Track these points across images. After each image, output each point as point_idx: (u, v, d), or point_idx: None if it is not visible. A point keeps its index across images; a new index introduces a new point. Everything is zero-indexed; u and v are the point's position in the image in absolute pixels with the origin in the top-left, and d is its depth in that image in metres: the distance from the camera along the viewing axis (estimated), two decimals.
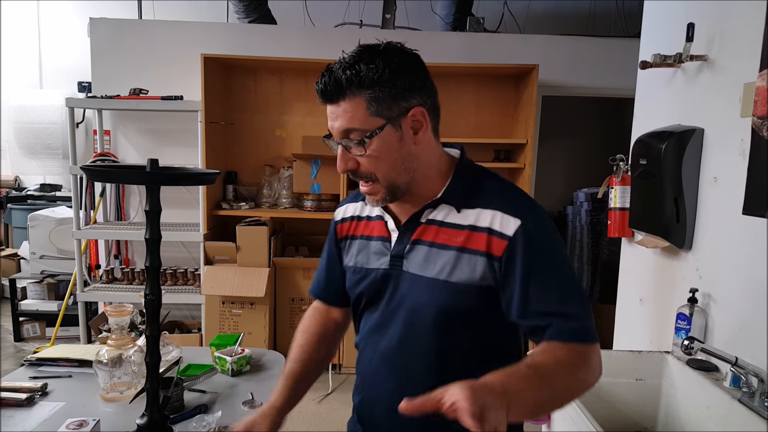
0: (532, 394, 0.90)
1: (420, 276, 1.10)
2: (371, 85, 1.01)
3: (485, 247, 1.05)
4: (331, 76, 1.03)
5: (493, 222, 1.05)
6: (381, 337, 1.17)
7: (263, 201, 4.27)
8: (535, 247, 1.03)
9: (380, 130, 1.03)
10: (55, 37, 6.13)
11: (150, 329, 1.07)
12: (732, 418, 1.49)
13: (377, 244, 1.19)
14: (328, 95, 1.04)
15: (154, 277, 1.05)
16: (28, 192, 6.18)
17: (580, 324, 1.02)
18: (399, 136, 1.05)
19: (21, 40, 6.17)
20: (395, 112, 1.04)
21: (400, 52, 1.07)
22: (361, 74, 1.00)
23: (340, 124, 1.04)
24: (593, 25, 5.18)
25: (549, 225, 1.08)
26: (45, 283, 4.86)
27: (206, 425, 1.48)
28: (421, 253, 1.11)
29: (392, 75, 1.02)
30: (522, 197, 1.11)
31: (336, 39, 4.30)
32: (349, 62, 1.03)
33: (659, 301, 2.15)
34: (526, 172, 4.00)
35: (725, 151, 1.75)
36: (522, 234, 1.03)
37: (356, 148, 1.05)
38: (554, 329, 1.01)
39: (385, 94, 1.02)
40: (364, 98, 1.02)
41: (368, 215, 1.24)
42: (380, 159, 1.05)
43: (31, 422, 1.51)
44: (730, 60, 1.76)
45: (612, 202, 2.35)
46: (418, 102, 1.06)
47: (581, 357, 1.00)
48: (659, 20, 2.26)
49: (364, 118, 1.02)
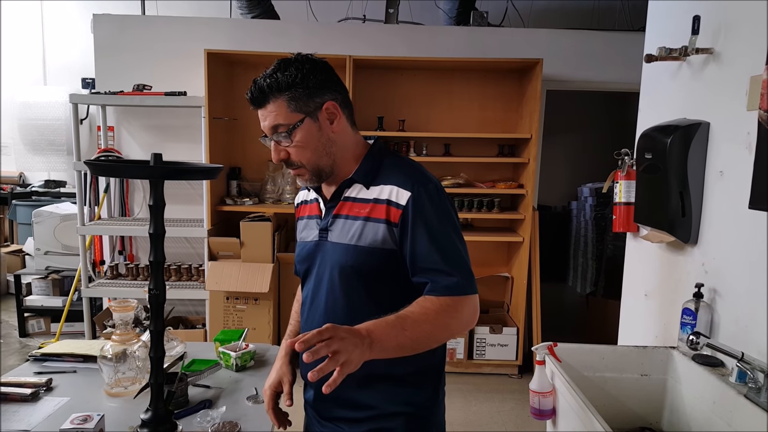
0: (393, 338, 1.13)
1: (337, 243, 1.32)
2: (288, 87, 1.23)
3: (385, 216, 1.27)
4: (255, 85, 1.26)
5: (391, 195, 1.27)
6: (315, 301, 1.38)
7: (267, 196, 4.27)
8: (422, 214, 1.24)
9: (301, 123, 1.25)
10: (59, 34, 6.13)
11: (154, 324, 1.07)
12: (738, 413, 1.49)
13: (313, 221, 1.42)
14: (256, 101, 1.27)
15: (158, 272, 1.05)
16: (32, 188, 6.19)
17: (453, 280, 1.22)
18: (318, 127, 1.28)
19: (25, 36, 6.18)
20: (311, 107, 1.26)
21: (309, 60, 1.29)
22: (279, 80, 1.23)
23: (269, 122, 1.26)
24: (597, 18, 5.16)
25: (437, 197, 1.28)
26: (50, 279, 4.88)
27: (210, 420, 1.48)
28: (339, 225, 1.32)
29: (304, 78, 1.24)
30: (417, 173, 1.31)
31: (339, 34, 4.29)
32: (269, 73, 1.25)
33: (664, 296, 2.14)
34: (530, 167, 3.98)
35: (731, 145, 1.74)
36: (412, 204, 1.24)
37: (284, 140, 1.27)
38: (431, 285, 1.22)
39: (300, 93, 1.24)
40: (285, 99, 1.24)
41: (310, 199, 1.47)
42: (304, 147, 1.28)
43: (36, 417, 1.52)
44: (736, 53, 1.75)
45: (617, 196, 2.34)
46: (330, 97, 1.28)
47: (450, 308, 1.20)
48: (664, 13, 2.24)
49: (287, 115, 1.25)
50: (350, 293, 1.31)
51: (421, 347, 1.21)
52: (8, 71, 6.19)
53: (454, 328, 1.23)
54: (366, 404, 1.34)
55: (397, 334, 1.14)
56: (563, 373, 1.70)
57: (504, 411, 3.61)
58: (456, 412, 3.49)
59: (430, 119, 4.38)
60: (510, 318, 4.31)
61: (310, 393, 1.45)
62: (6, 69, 6.19)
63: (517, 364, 4.13)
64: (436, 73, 4.33)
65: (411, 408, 1.36)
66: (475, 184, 4.23)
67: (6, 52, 6.18)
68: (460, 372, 4.08)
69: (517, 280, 4.25)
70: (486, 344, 4.07)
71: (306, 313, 1.42)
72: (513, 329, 4.08)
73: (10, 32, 6.15)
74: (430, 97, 4.37)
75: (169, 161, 1.09)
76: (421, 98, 4.36)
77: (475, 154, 4.29)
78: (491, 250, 4.51)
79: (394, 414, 1.34)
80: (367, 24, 4.75)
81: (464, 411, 3.58)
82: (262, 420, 1.55)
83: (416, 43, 4.31)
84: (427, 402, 1.39)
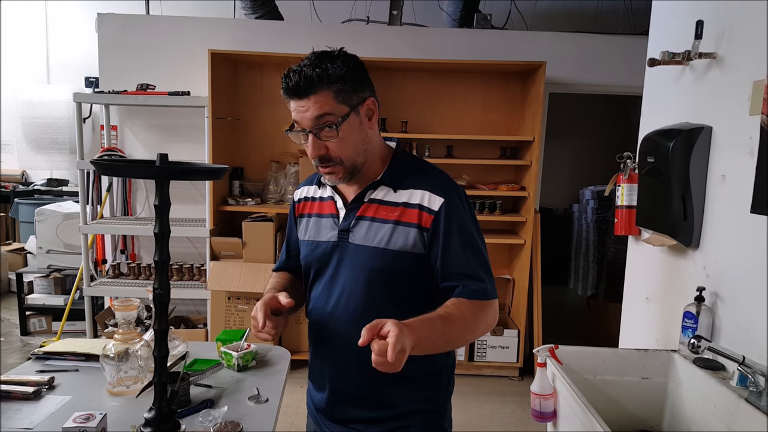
0: (432, 338, 1.17)
1: (363, 246, 1.31)
2: (337, 80, 1.21)
3: (417, 220, 1.28)
4: (301, 74, 1.20)
5: (423, 200, 1.29)
6: (328, 299, 1.37)
7: (269, 197, 4.27)
8: (454, 220, 1.27)
9: (347, 116, 1.23)
10: (63, 33, 6.15)
11: (158, 323, 1.08)
12: (739, 417, 1.49)
13: (328, 220, 1.39)
14: (300, 91, 1.21)
15: (162, 271, 1.06)
16: (35, 187, 6.20)
17: (483, 285, 1.28)
18: (359, 121, 1.27)
19: (29, 35, 6.19)
20: (355, 101, 1.25)
21: (351, 55, 1.27)
22: (329, 72, 1.20)
23: (313, 113, 1.21)
24: (601, 22, 5.16)
25: (466, 204, 1.33)
26: (51, 277, 4.89)
27: (212, 420, 1.48)
28: (364, 227, 1.32)
29: (351, 72, 1.23)
30: (446, 180, 1.34)
31: (343, 35, 4.30)
32: (314, 63, 1.21)
33: (666, 300, 2.14)
34: (532, 169, 3.99)
35: (733, 149, 1.74)
36: (445, 210, 1.27)
37: (328, 131, 1.23)
38: (461, 288, 1.26)
39: (348, 86, 1.23)
40: (332, 90, 1.21)
41: (321, 196, 1.44)
42: (347, 141, 1.25)
43: (38, 416, 1.52)
44: (739, 58, 1.75)
45: (619, 200, 2.34)
46: (369, 94, 1.29)
47: (480, 311, 1.26)
48: (668, 17, 2.24)
49: (334, 106, 1.22)
50: (374, 295, 1.32)
51: (450, 347, 1.28)
52: (12, 69, 6.20)
53: (480, 330, 1.28)
54: (387, 403, 1.36)
55: (436, 334, 1.17)
56: (564, 375, 1.70)
57: (504, 413, 3.61)
58: (457, 414, 3.47)
59: (432, 121, 4.39)
60: (511, 320, 4.31)
61: (323, 395, 1.44)
62: (10, 67, 6.21)
63: (518, 366, 4.12)
64: (439, 74, 4.33)
65: (429, 405, 1.41)
66: (478, 186, 4.23)
67: (10, 51, 6.19)
68: (461, 374, 4.08)
69: (518, 282, 4.25)
70: (487, 346, 4.07)
71: (320, 313, 1.41)
72: (514, 331, 4.08)
73: (15, 31, 6.17)
74: (433, 99, 4.37)
75: (175, 161, 1.09)
76: (424, 100, 4.37)
77: (478, 156, 4.29)
78: (493, 252, 4.48)
79: (413, 412, 1.38)
80: (371, 25, 4.75)
81: (465, 413, 3.58)
82: (263, 420, 1.55)
83: (419, 44, 4.32)
84: (442, 399, 1.45)
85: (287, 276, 1.57)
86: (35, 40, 6.20)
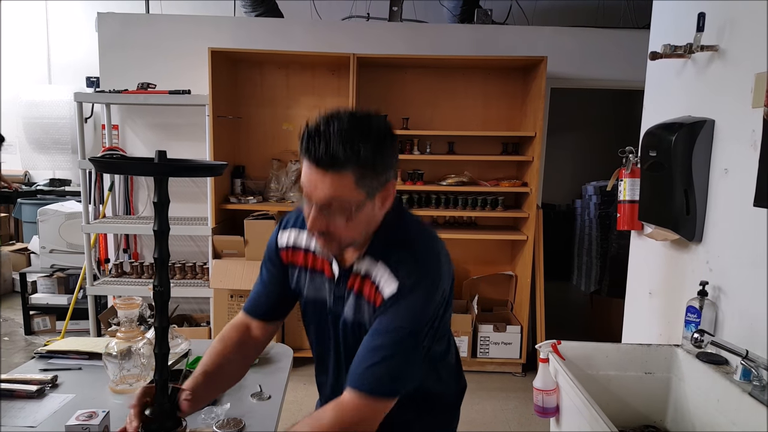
0: None
1: (350, 320, 1.24)
2: (364, 164, 1.07)
3: (372, 298, 1.19)
4: (328, 147, 1.04)
5: (382, 278, 1.17)
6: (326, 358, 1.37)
7: (271, 195, 4.27)
8: (393, 313, 1.14)
9: (363, 204, 1.11)
10: (64, 33, 6.16)
11: (159, 321, 1.07)
12: (742, 411, 1.48)
13: (322, 280, 1.30)
14: (320, 162, 1.06)
15: (162, 269, 1.05)
16: (37, 187, 6.22)
17: (370, 386, 1.12)
18: (372, 206, 1.14)
19: (30, 35, 6.20)
20: (375, 186, 1.11)
21: (386, 129, 1.13)
22: (360, 154, 1.05)
23: (326, 192, 1.08)
24: (602, 16, 5.14)
25: (421, 294, 1.15)
26: (55, 277, 4.90)
27: (215, 417, 1.49)
28: (351, 300, 1.23)
29: (382, 156, 1.09)
30: (419, 261, 1.18)
31: (343, 32, 4.29)
32: (347, 137, 1.05)
33: (669, 294, 2.14)
34: (534, 165, 3.98)
35: (736, 143, 1.74)
36: (393, 297, 1.14)
37: (339, 217, 1.11)
38: (350, 382, 1.14)
39: (372, 171, 1.09)
40: (355, 174, 1.06)
41: (314, 250, 1.32)
42: (353, 226, 1.13)
43: (42, 414, 1.53)
44: (742, 50, 1.74)
45: (621, 194, 2.34)
46: (392, 175, 1.16)
47: (354, 411, 1.11)
48: (669, 10, 2.24)
49: (351, 191, 1.08)
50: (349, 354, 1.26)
51: None
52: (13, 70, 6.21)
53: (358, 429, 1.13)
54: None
55: None
56: (567, 371, 1.70)
57: (507, 409, 3.61)
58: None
59: (434, 117, 4.38)
60: (514, 316, 4.31)
61: None
62: (11, 68, 6.22)
63: (521, 362, 4.12)
64: (440, 71, 4.32)
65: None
66: (479, 182, 4.23)
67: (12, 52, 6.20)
68: (464, 370, 4.08)
69: (521, 278, 4.24)
70: (490, 342, 4.07)
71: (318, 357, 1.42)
72: (517, 327, 4.08)
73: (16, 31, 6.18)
74: (434, 95, 4.36)
75: (174, 158, 1.09)
76: (425, 96, 4.36)
77: (479, 153, 4.28)
78: (495, 249, 4.50)
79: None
80: (371, 22, 4.74)
81: (468, 409, 3.58)
82: (266, 417, 1.56)
83: (420, 41, 4.31)
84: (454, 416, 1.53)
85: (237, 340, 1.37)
86: (36, 40, 6.21)
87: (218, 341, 1.36)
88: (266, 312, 1.40)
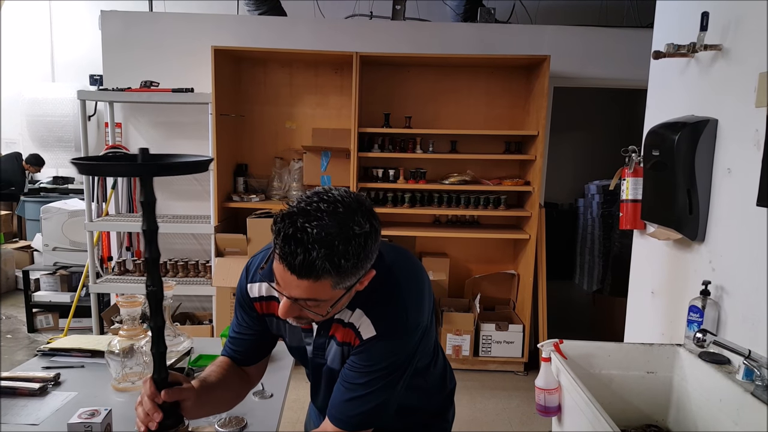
0: None
1: (336, 368, 1.23)
2: (343, 270, 1.00)
3: (353, 342, 1.18)
4: (306, 258, 0.96)
5: (364, 323, 1.15)
6: (318, 394, 1.39)
7: (273, 193, 4.28)
8: (368, 359, 1.15)
9: (339, 300, 1.07)
10: (67, 31, 6.17)
11: (154, 320, 1.07)
12: (744, 411, 1.48)
13: (302, 332, 1.27)
14: (295, 270, 0.98)
15: (154, 268, 1.04)
16: (40, 185, 6.23)
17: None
18: (350, 294, 1.10)
19: (33, 33, 6.21)
20: (353, 281, 1.06)
21: (370, 227, 1.03)
22: (337, 260, 0.98)
23: (299, 294, 1.03)
24: (605, 15, 5.13)
25: (401, 338, 1.16)
26: (58, 274, 4.92)
27: (217, 415, 1.49)
28: (333, 348, 1.23)
29: (362, 260, 1.03)
30: (395, 314, 1.16)
31: (346, 31, 4.29)
32: (326, 248, 0.96)
33: (671, 294, 2.13)
34: (537, 164, 3.97)
35: (739, 142, 1.73)
36: (369, 343, 1.15)
37: (313, 311, 1.07)
38: (330, 412, 1.19)
39: (351, 273, 1.03)
40: (332, 280, 1.01)
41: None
42: (329, 312, 1.10)
43: (44, 411, 1.53)
44: (745, 49, 1.74)
45: (624, 193, 2.33)
46: (372, 263, 1.08)
47: None
48: (673, 9, 2.23)
49: (329, 293, 1.04)
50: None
51: None
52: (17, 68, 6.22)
53: None
54: None
55: None
56: (569, 370, 1.69)
57: (510, 408, 3.61)
58: (461, 409, 3.48)
59: (436, 116, 4.38)
60: (516, 315, 4.30)
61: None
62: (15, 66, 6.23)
63: (523, 361, 4.12)
64: (443, 69, 4.32)
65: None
66: (482, 181, 4.22)
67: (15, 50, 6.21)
68: (466, 369, 4.09)
69: (523, 277, 4.24)
70: (492, 341, 4.07)
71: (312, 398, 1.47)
72: (519, 326, 4.08)
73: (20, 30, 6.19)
74: (437, 94, 4.36)
75: (157, 155, 1.05)
76: (428, 95, 4.36)
77: (482, 151, 4.28)
78: (497, 248, 4.50)
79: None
80: (374, 21, 4.74)
81: (470, 408, 3.58)
82: (268, 415, 1.56)
83: (423, 39, 4.31)
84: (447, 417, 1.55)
85: (231, 369, 1.35)
86: (40, 38, 6.22)
87: (212, 364, 1.35)
88: (249, 358, 1.37)
